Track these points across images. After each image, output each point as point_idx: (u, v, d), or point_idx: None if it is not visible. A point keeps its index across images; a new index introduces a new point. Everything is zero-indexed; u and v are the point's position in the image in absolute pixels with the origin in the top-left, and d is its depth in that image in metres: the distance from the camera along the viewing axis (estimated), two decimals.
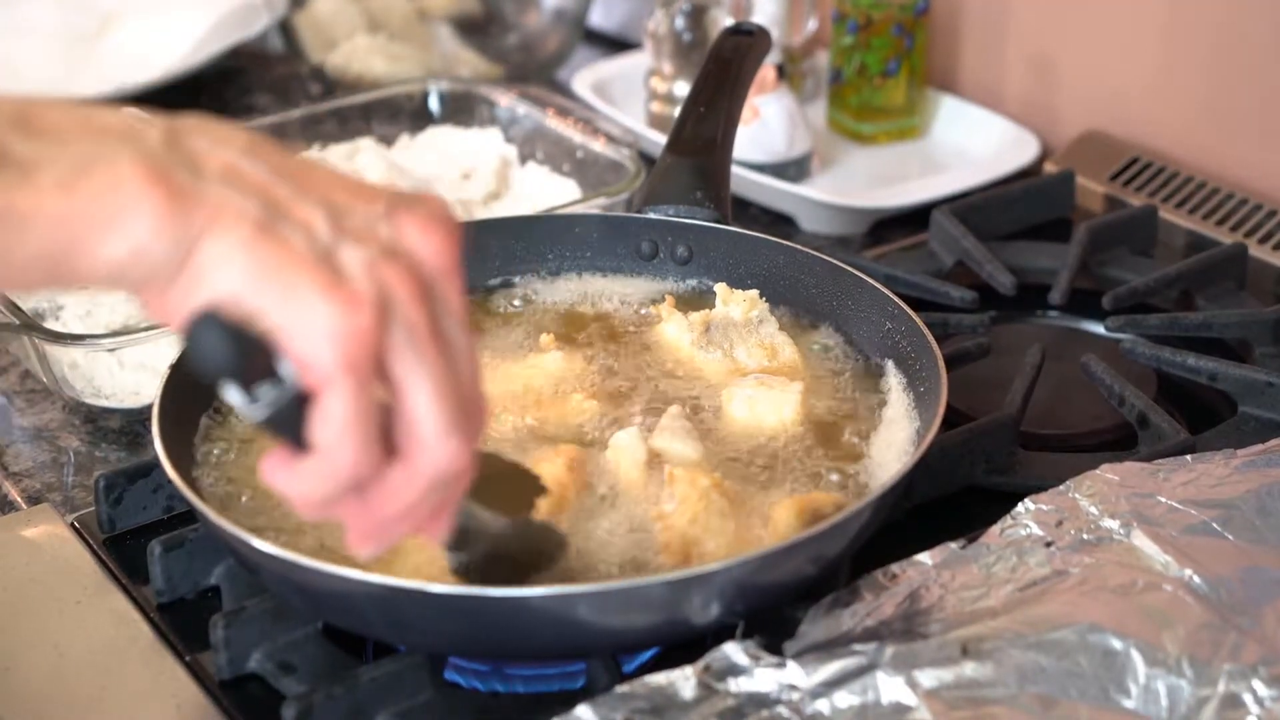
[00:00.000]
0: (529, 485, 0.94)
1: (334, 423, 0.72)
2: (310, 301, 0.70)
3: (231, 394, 0.72)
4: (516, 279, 1.25)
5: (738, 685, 0.87)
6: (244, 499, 1.01)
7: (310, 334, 0.70)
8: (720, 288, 1.18)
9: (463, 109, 1.66)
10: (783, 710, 0.85)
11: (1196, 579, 0.92)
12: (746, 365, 1.13)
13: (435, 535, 0.82)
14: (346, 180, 0.75)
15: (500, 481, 0.91)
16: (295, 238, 0.71)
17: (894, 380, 1.12)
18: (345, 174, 0.76)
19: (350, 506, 0.76)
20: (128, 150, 0.70)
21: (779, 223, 1.60)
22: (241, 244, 0.70)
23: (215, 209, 0.70)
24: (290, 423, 0.73)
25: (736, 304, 1.16)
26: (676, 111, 1.34)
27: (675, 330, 1.15)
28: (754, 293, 1.17)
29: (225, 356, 0.70)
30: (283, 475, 0.75)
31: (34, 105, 0.71)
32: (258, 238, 0.70)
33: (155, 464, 1.01)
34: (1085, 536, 0.96)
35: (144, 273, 0.70)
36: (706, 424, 1.08)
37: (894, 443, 1.06)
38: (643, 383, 1.12)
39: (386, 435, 0.75)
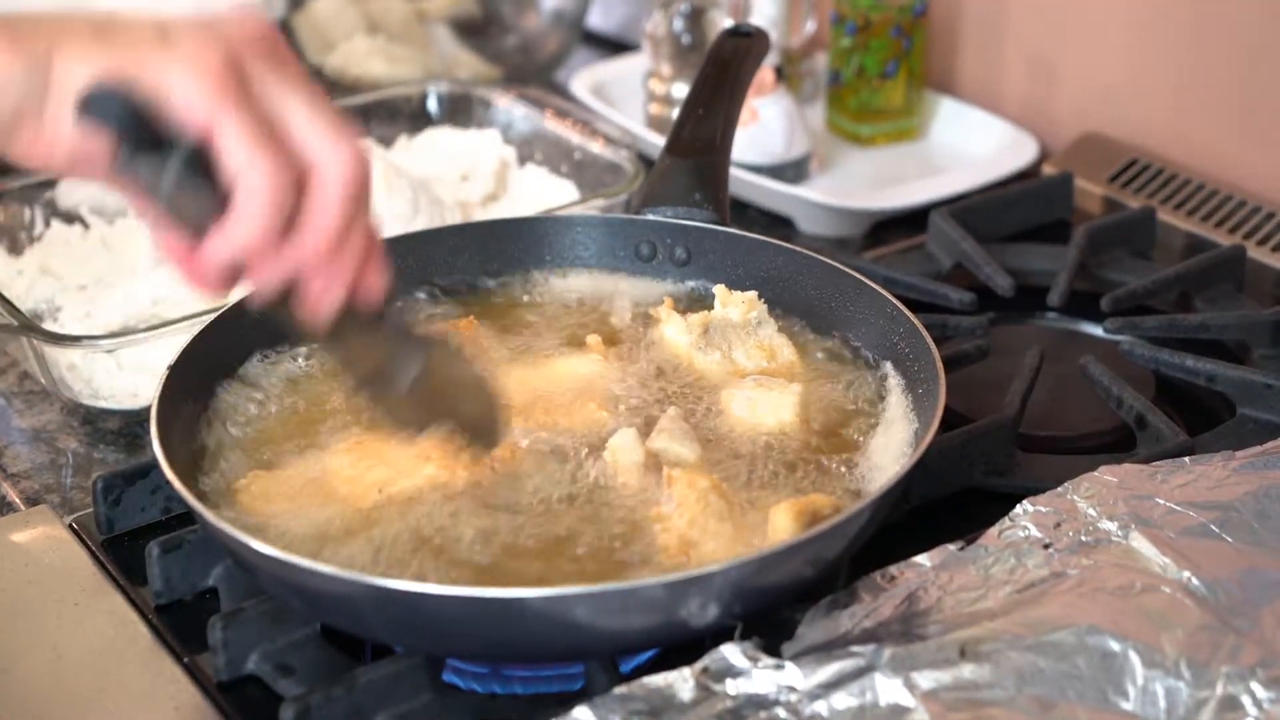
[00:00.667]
0: (491, 402, 0.99)
1: (237, 147, 0.81)
2: (163, 62, 0.81)
3: (140, 166, 0.81)
4: (515, 280, 1.24)
5: (736, 687, 0.87)
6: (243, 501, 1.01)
7: (181, 82, 0.81)
8: (719, 289, 1.18)
9: (461, 110, 1.66)
10: (781, 712, 0.85)
11: (1195, 581, 0.92)
12: (745, 366, 1.13)
13: (373, 289, 0.89)
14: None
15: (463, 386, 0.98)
16: (129, 34, 0.83)
17: (893, 382, 1.12)
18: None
19: (275, 259, 0.85)
20: None
21: (778, 224, 1.60)
22: (85, 50, 0.81)
23: (51, 36, 0.82)
24: (196, 198, 0.82)
25: (735, 306, 1.16)
26: (675, 113, 1.34)
27: (674, 332, 1.15)
28: (752, 294, 1.17)
29: (120, 109, 0.80)
30: (208, 247, 0.83)
31: None
32: (95, 42, 0.81)
33: (153, 465, 1.01)
34: (1083, 538, 0.96)
35: (9, 105, 0.81)
36: (707, 425, 1.08)
37: (892, 444, 1.06)
38: (642, 384, 1.12)
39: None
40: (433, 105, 1.66)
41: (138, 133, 0.81)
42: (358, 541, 0.97)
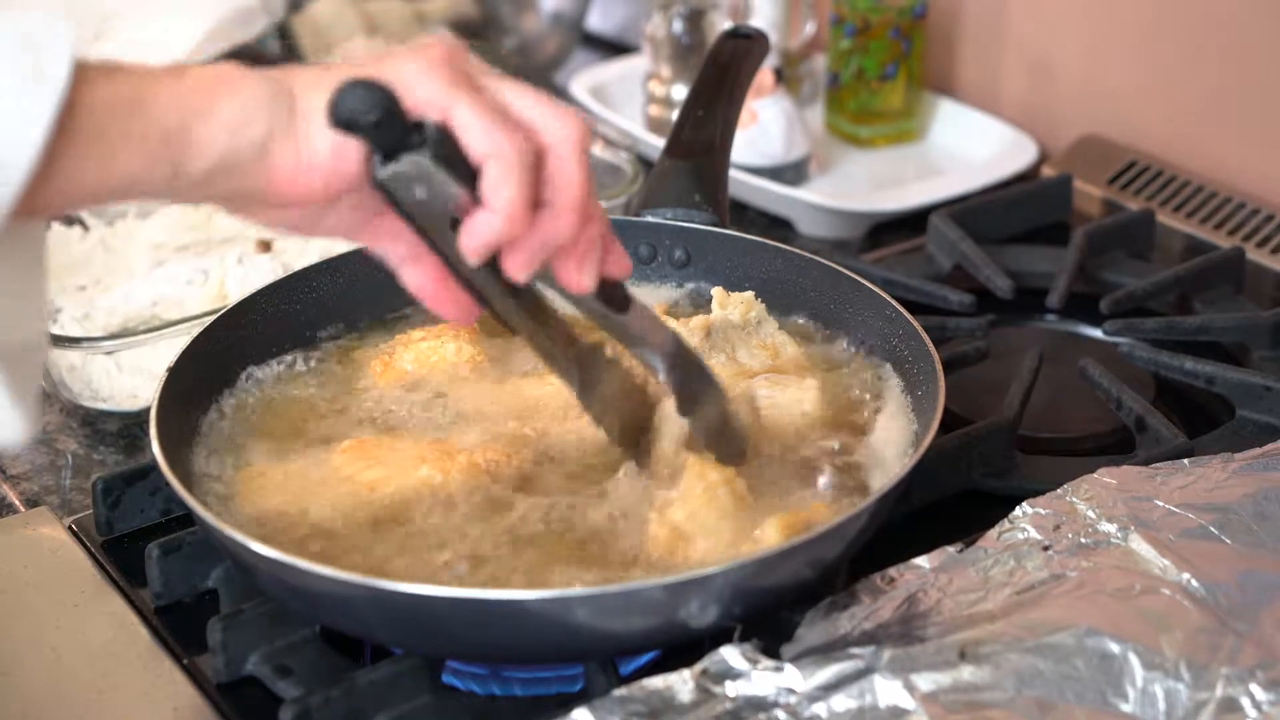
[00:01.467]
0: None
1: (479, 126, 0.84)
2: (399, 64, 0.85)
3: (393, 168, 0.84)
4: None
5: (735, 689, 0.87)
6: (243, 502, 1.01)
7: (418, 79, 0.85)
8: (716, 292, 1.18)
9: None
10: (780, 714, 0.85)
11: (1194, 583, 0.92)
12: (752, 366, 1.13)
13: (621, 264, 0.93)
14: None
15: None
16: (348, 63, 0.87)
17: (892, 383, 1.12)
18: None
19: (531, 238, 0.87)
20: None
21: (777, 226, 1.60)
22: (323, 76, 0.84)
23: (295, 70, 0.86)
24: (446, 197, 0.85)
25: (734, 307, 1.16)
26: (674, 115, 1.34)
27: None
28: (750, 294, 1.17)
29: (374, 103, 0.82)
30: (467, 233, 0.86)
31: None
32: (332, 68, 0.85)
33: (153, 467, 1.01)
34: (1083, 540, 0.96)
35: (261, 129, 0.83)
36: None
37: (892, 446, 1.06)
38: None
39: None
40: None
41: (387, 131, 0.83)
42: (356, 542, 0.97)
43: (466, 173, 0.85)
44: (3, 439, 0.81)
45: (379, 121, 0.83)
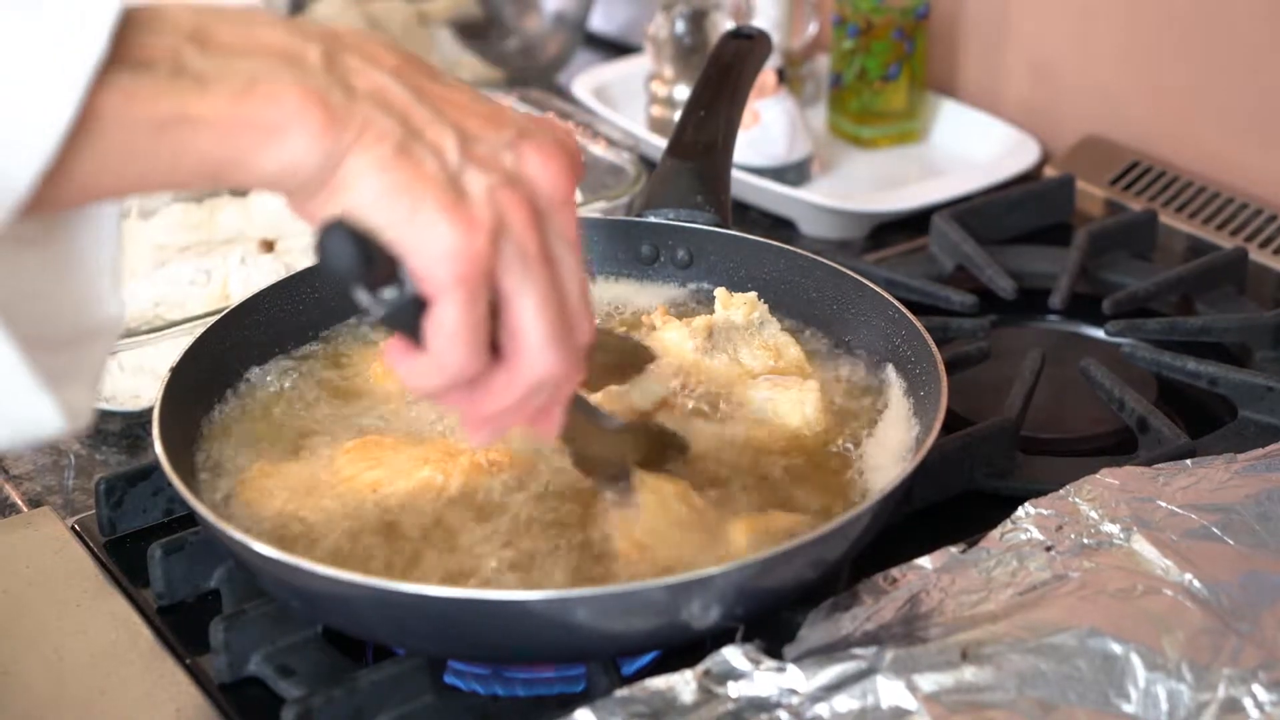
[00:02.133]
0: (638, 354, 1.01)
1: (445, 330, 0.78)
2: (432, 220, 0.77)
3: (357, 294, 0.78)
4: None
5: (737, 689, 0.87)
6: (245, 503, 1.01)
7: (430, 250, 0.77)
8: (719, 292, 1.18)
9: None
10: (782, 714, 0.85)
11: (1196, 583, 0.92)
12: (754, 367, 1.13)
13: (546, 433, 0.87)
14: (481, 106, 0.82)
15: (608, 352, 0.98)
16: (428, 160, 0.77)
17: (894, 384, 1.12)
18: (482, 99, 0.82)
19: (459, 399, 0.83)
20: (290, 71, 0.75)
21: (779, 227, 1.60)
22: (380, 162, 0.76)
23: (361, 128, 0.76)
24: (408, 321, 0.79)
25: (736, 307, 1.16)
26: (677, 115, 1.34)
27: (676, 337, 1.15)
28: (753, 295, 1.17)
29: (350, 260, 0.76)
30: (400, 363, 0.81)
31: (207, 18, 0.76)
32: (395, 158, 0.77)
33: (155, 467, 1.01)
34: (1085, 541, 0.96)
35: (297, 183, 0.76)
36: (728, 428, 1.07)
37: (894, 447, 1.06)
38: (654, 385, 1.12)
39: (495, 341, 0.82)
40: None
41: (364, 273, 0.77)
42: (355, 542, 0.97)
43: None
44: (33, 427, 0.75)
45: (354, 268, 0.77)
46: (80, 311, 0.78)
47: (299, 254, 1.39)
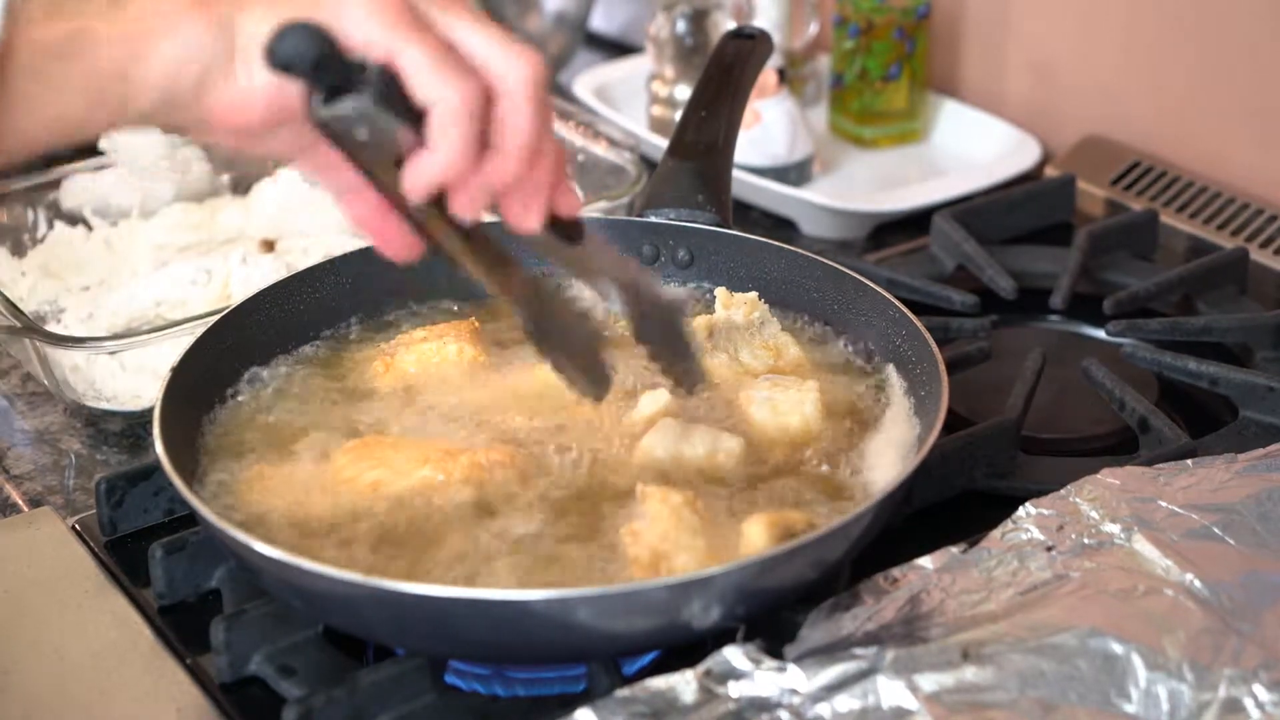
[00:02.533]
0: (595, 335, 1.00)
1: (424, 70, 0.83)
2: (340, 4, 0.82)
3: (333, 109, 0.83)
4: None
5: (738, 689, 0.87)
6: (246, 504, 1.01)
7: (357, 22, 0.82)
8: (720, 292, 1.18)
9: None
10: (783, 714, 0.85)
11: (1197, 583, 0.92)
12: (754, 367, 1.13)
13: (570, 204, 0.92)
14: None
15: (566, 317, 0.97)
16: None
17: (895, 384, 1.12)
18: None
19: (475, 179, 0.86)
20: None
21: (780, 227, 1.60)
22: (265, 5, 0.82)
23: (241, 1, 0.83)
24: (389, 136, 0.84)
25: (737, 307, 1.16)
26: (678, 115, 1.34)
27: None
28: (753, 295, 1.17)
29: (306, 50, 0.81)
30: (410, 174, 0.85)
31: None
32: (285, 5, 0.82)
33: (156, 467, 1.01)
34: (1086, 541, 0.96)
35: (199, 68, 0.83)
36: (730, 426, 1.07)
37: (895, 447, 1.06)
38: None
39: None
40: None
41: (327, 73, 0.82)
42: (354, 542, 0.97)
43: (411, 114, 0.84)
44: None
45: (317, 64, 0.82)
46: None
47: (299, 254, 1.39)
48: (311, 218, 1.46)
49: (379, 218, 0.90)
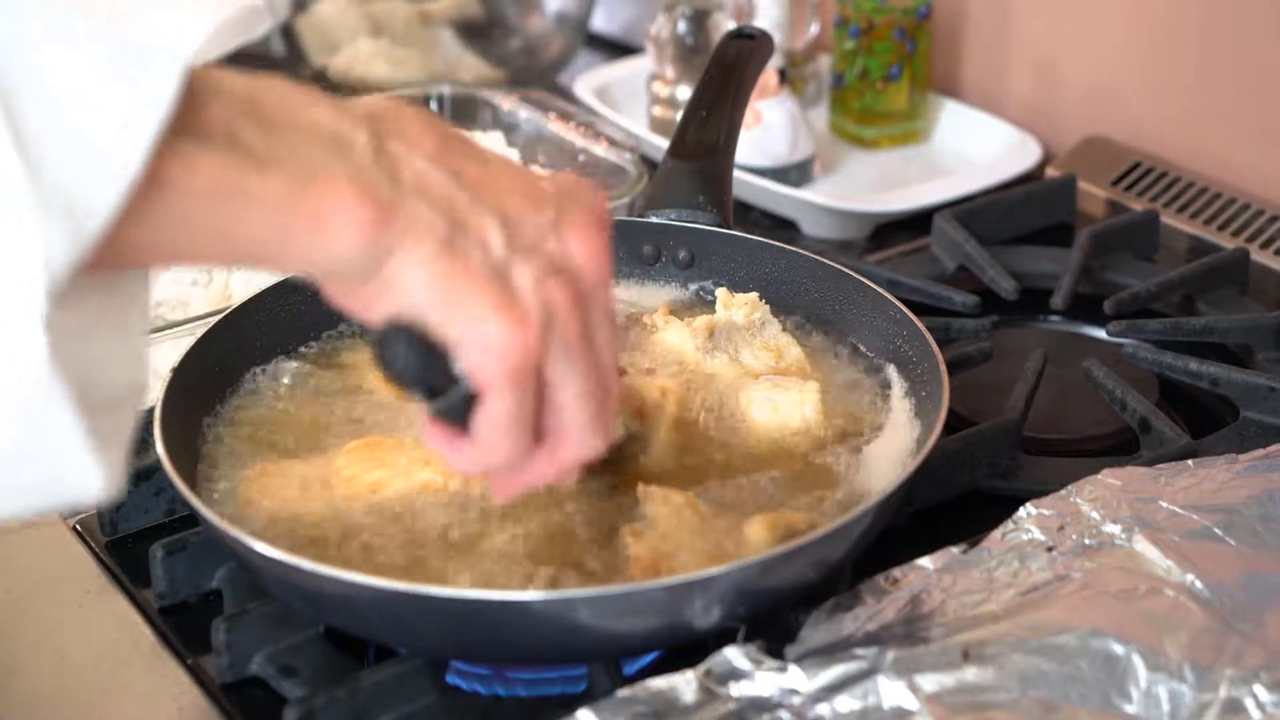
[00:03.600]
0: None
1: (496, 423, 0.81)
2: (484, 319, 0.78)
3: (415, 395, 0.81)
4: None
5: (739, 689, 0.87)
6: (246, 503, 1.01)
7: (482, 347, 0.78)
8: (721, 292, 1.18)
9: (465, 113, 1.66)
10: (784, 714, 0.85)
11: (1198, 584, 0.92)
12: (755, 367, 1.13)
13: (566, 480, 0.96)
14: (518, 183, 0.82)
15: None
16: (474, 254, 0.78)
17: (896, 384, 1.12)
18: (518, 173, 0.83)
19: (498, 477, 0.87)
20: (342, 161, 0.75)
21: (781, 227, 1.60)
22: (427, 260, 0.77)
23: (406, 224, 0.76)
24: (459, 414, 0.81)
25: (738, 308, 1.16)
26: (679, 116, 1.34)
27: (676, 337, 1.15)
28: (754, 295, 1.17)
29: (413, 367, 0.79)
30: (444, 448, 0.83)
31: (258, 88, 0.75)
32: (442, 254, 0.77)
33: (157, 467, 1.01)
34: (1087, 541, 0.96)
35: (338, 275, 0.77)
36: (729, 429, 1.07)
37: (895, 447, 1.06)
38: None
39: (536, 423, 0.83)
40: (436, 108, 1.66)
41: (419, 371, 0.79)
42: (355, 542, 0.97)
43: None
44: (78, 493, 0.72)
45: (409, 366, 0.79)
46: (122, 372, 0.76)
47: None
48: None
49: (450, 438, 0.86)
